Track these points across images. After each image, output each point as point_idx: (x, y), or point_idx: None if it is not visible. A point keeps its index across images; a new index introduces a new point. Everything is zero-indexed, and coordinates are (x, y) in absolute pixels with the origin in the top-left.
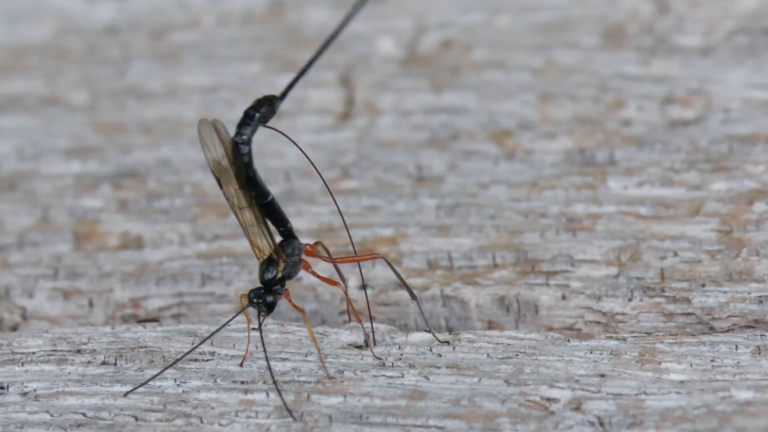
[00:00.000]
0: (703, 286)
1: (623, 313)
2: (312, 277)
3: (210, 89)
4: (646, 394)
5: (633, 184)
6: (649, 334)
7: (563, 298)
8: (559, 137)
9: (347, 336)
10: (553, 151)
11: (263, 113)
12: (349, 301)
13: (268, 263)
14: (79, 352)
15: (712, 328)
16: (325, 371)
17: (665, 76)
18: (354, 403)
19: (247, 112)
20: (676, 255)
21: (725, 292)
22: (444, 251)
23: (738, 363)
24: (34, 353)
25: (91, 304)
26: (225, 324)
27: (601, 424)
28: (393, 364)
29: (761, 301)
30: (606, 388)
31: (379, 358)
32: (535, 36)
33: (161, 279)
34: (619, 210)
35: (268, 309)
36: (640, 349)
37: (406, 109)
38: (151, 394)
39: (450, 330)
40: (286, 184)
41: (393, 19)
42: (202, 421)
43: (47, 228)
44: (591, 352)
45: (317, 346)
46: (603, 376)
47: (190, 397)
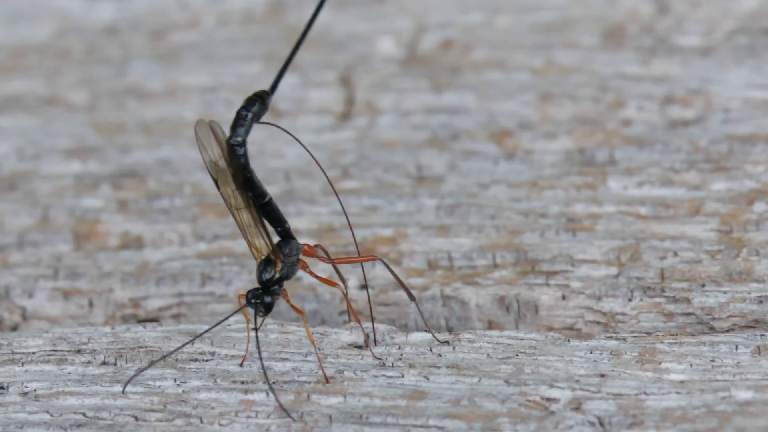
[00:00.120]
0: (703, 286)
1: (623, 313)
2: (312, 277)
3: (210, 89)
4: (646, 394)
5: (633, 184)
6: (649, 334)
7: (563, 298)
8: (559, 137)
9: (347, 336)
10: (553, 151)
11: (255, 112)
12: (348, 301)
13: (266, 264)
14: (79, 352)
15: (712, 328)
16: (323, 374)
17: (665, 76)
18: (354, 403)
19: (239, 113)
20: (676, 255)
21: (725, 292)
22: (444, 251)
23: (738, 363)
24: (34, 353)
25: (91, 304)
26: (220, 322)
27: (601, 424)
28: (393, 364)
29: (761, 301)
30: (606, 388)
31: (379, 358)
32: (535, 36)
33: (161, 279)
34: (619, 210)
35: (266, 309)
36: (640, 349)
37: (406, 109)
38: (151, 394)
39: (450, 330)
40: (286, 184)
41: (393, 19)
42: (202, 421)
43: (47, 228)
44: (591, 352)
45: (315, 348)
46: (603, 376)
47: (190, 397)
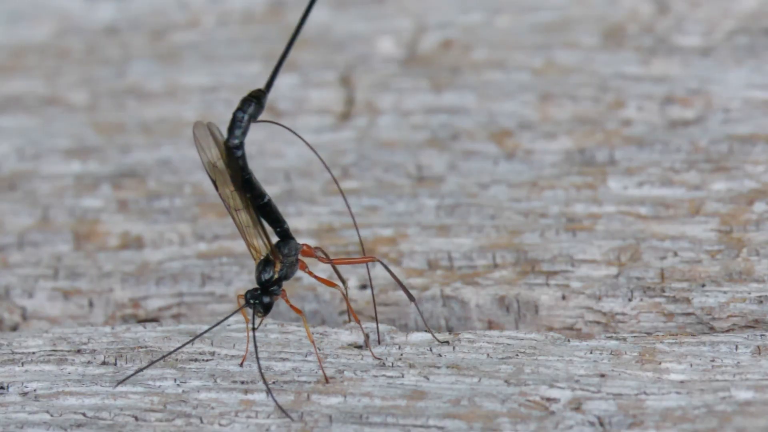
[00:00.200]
0: (703, 286)
1: (623, 313)
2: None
3: (210, 89)
4: (646, 394)
5: (633, 184)
6: (649, 334)
7: (563, 298)
8: (559, 137)
9: (347, 336)
10: (553, 151)
11: (251, 112)
12: (347, 301)
13: (265, 264)
14: (79, 352)
15: (712, 328)
16: (323, 374)
17: (665, 76)
18: (354, 403)
19: (235, 115)
20: (676, 255)
21: (725, 292)
22: (444, 251)
23: (738, 363)
24: (34, 353)
25: (91, 304)
26: (219, 322)
27: (601, 424)
28: (393, 364)
29: (761, 301)
30: (606, 388)
31: (378, 358)
32: (535, 36)
33: (161, 279)
34: (619, 210)
35: (264, 310)
36: (640, 349)
37: (406, 109)
38: (151, 394)
39: (450, 330)
40: (286, 184)
41: (393, 19)
42: (202, 421)
43: (47, 228)
44: (591, 352)
45: (315, 347)
46: (603, 376)
47: (190, 397)
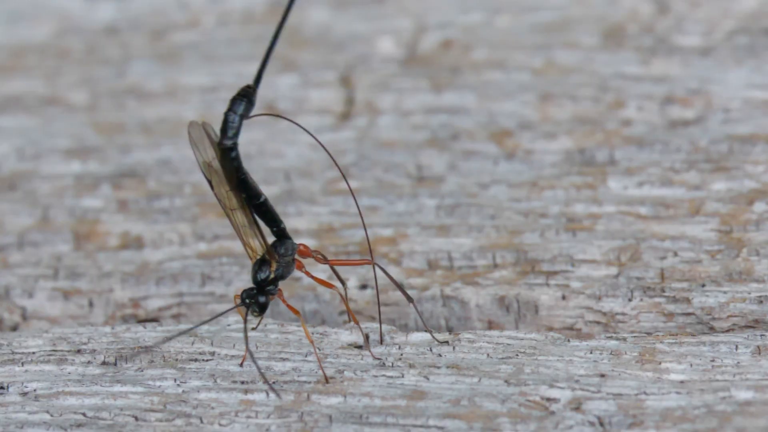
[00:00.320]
0: (703, 286)
1: (623, 313)
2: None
3: (210, 89)
4: (646, 394)
5: (633, 184)
6: (649, 334)
7: (563, 298)
8: (559, 137)
9: (347, 336)
10: (553, 151)
11: (242, 112)
12: (346, 302)
13: (261, 264)
14: (79, 352)
15: (712, 328)
16: (323, 374)
17: (665, 76)
18: (354, 403)
19: (226, 115)
20: (676, 255)
21: (725, 292)
22: (444, 251)
23: (738, 363)
24: (34, 353)
25: (91, 304)
26: (211, 319)
27: (601, 424)
28: (393, 364)
29: (761, 301)
30: (606, 388)
31: (378, 358)
32: (535, 36)
33: (161, 279)
34: (619, 210)
35: (260, 309)
36: (640, 349)
37: (406, 109)
38: (151, 394)
39: (450, 330)
40: (286, 184)
41: (393, 19)
42: (202, 421)
43: (47, 228)
44: (591, 352)
45: (315, 347)
46: (603, 376)
47: (190, 397)
